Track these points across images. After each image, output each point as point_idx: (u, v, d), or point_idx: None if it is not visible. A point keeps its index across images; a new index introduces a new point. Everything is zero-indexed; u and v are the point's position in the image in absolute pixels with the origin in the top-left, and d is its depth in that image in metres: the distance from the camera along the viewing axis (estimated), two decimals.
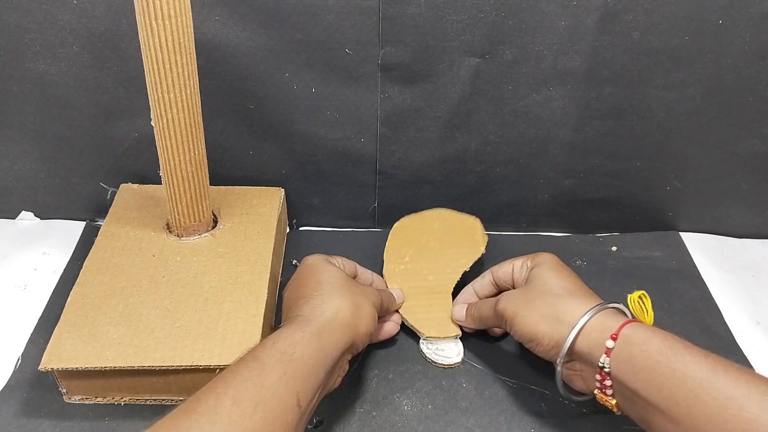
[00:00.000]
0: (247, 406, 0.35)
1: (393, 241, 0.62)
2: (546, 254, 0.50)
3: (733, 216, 0.67)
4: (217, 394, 0.36)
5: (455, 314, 0.54)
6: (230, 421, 0.34)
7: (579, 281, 0.48)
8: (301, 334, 0.41)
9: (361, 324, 0.45)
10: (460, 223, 0.63)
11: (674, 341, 0.39)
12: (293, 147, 0.61)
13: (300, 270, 0.50)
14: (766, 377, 0.36)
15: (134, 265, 0.52)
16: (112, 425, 0.47)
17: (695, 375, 0.37)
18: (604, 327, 0.42)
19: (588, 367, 0.43)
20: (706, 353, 0.38)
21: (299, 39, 0.53)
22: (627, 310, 0.44)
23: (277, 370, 0.38)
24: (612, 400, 0.42)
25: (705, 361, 0.37)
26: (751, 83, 0.56)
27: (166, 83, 0.45)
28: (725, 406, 0.35)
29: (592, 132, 0.60)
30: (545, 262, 0.49)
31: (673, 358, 0.38)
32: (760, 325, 0.58)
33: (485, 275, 0.55)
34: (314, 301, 0.44)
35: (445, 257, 0.59)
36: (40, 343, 0.52)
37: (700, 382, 0.36)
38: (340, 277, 0.48)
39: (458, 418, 0.48)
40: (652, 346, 0.39)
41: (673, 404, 0.37)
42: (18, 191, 0.64)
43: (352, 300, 0.45)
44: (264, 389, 0.36)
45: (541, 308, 0.45)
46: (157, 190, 0.60)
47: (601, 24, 0.53)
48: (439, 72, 0.56)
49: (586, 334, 0.42)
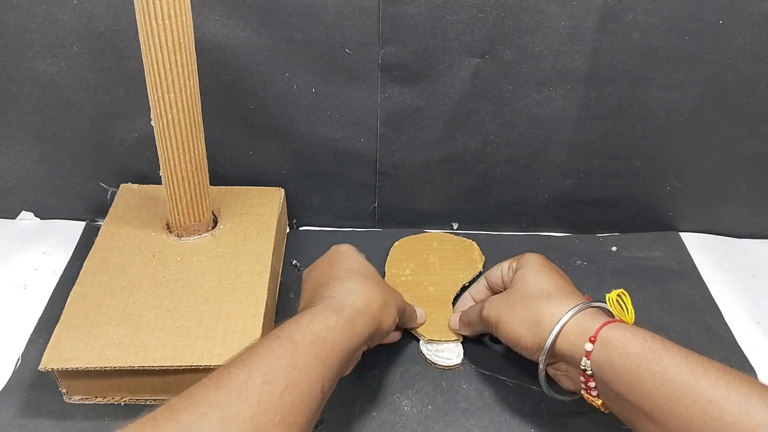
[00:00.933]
0: (277, 386, 0.34)
1: (394, 256, 0.62)
2: (530, 255, 0.50)
3: (733, 216, 0.67)
4: (250, 370, 0.34)
5: (451, 323, 0.54)
6: (260, 400, 0.33)
7: (562, 281, 0.47)
8: (335, 318, 0.40)
9: (386, 321, 0.45)
10: (458, 243, 0.65)
11: (653, 342, 0.39)
12: (293, 147, 0.61)
13: (331, 253, 0.50)
14: (747, 377, 0.36)
15: (134, 265, 0.52)
16: (112, 425, 0.47)
17: (675, 378, 0.36)
18: (582, 329, 0.41)
19: (573, 368, 0.43)
20: (686, 353, 0.38)
21: (299, 39, 0.53)
22: (609, 309, 0.44)
23: (310, 352, 0.37)
24: (598, 400, 0.42)
25: (685, 363, 0.37)
26: (751, 83, 0.56)
27: (166, 83, 0.45)
28: (705, 410, 0.35)
29: (592, 132, 0.60)
30: (528, 263, 0.49)
31: (653, 361, 0.38)
32: (760, 325, 0.58)
33: (480, 280, 0.56)
34: (348, 285, 0.44)
35: (444, 271, 0.60)
36: (40, 343, 0.52)
37: (680, 385, 0.36)
38: (372, 269, 0.48)
39: (458, 419, 0.48)
40: (631, 348, 0.39)
41: (655, 407, 0.37)
42: (18, 191, 0.64)
43: (383, 294, 0.45)
44: (295, 371, 0.36)
45: (521, 312, 0.45)
46: (157, 190, 0.60)
47: (601, 24, 0.53)
48: (439, 72, 0.56)
49: (566, 336, 0.42)
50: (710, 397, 0.35)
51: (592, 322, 0.41)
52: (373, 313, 0.43)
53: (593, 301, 0.44)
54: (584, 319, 0.42)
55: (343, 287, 0.44)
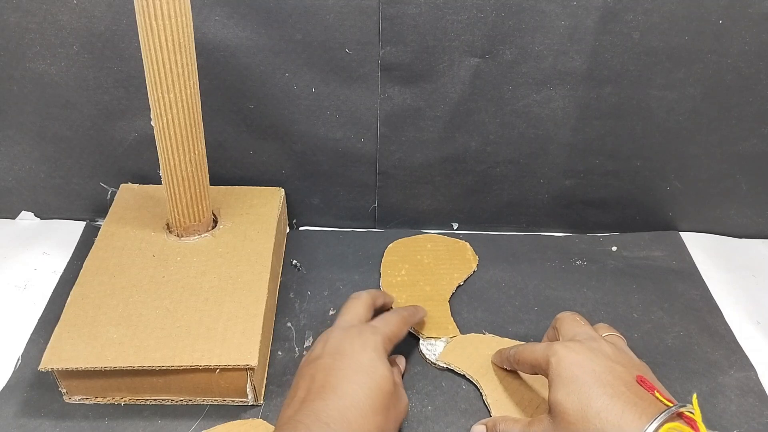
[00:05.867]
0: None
1: (388, 258, 0.62)
2: (560, 355, 0.41)
3: (733, 216, 0.67)
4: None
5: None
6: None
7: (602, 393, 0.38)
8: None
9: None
10: (452, 244, 0.65)
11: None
12: (293, 147, 0.61)
13: (340, 342, 0.43)
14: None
15: (134, 265, 0.52)
16: (112, 425, 0.47)
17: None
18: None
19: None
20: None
21: (299, 39, 0.53)
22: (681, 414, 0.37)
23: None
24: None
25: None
26: (751, 83, 0.56)
27: (166, 83, 0.45)
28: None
29: (592, 132, 0.60)
30: (558, 377, 0.40)
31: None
32: (760, 325, 0.58)
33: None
34: (349, 416, 0.38)
35: (440, 271, 0.61)
36: (40, 343, 0.52)
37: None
38: (382, 379, 0.41)
39: (458, 420, 0.48)
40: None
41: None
42: (18, 191, 0.64)
43: (385, 427, 0.40)
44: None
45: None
46: (157, 190, 0.60)
47: (601, 24, 0.53)
48: (439, 72, 0.56)
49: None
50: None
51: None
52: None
53: (662, 414, 0.36)
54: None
55: (342, 418, 0.38)
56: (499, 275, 0.62)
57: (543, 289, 0.60)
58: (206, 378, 0.46)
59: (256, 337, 0.47)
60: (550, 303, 0.59)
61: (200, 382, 0.47)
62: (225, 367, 0.45)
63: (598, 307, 0.59)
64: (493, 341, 0.54)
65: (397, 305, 0.56)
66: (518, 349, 0.47)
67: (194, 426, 0.47)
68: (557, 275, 0.62)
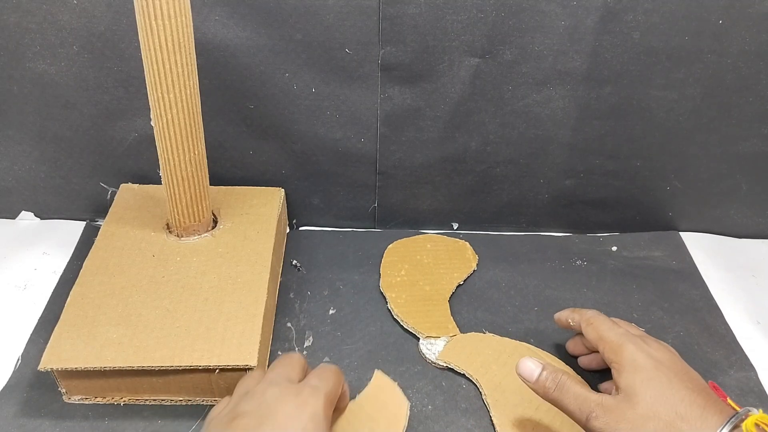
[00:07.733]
0: None
1: (388, 258, 0.62)
2: (629, 351, 0.42)
3: (733, 216, 0.67)
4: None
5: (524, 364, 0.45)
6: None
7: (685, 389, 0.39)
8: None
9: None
10: (451, 244, 0.65)
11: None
12: (293, 147, 0.61)
13: (276, 407, 0.37)
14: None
15: (134, 265, 0.52)
16: (112, 425, 0.47)
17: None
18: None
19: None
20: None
21: (299, 39, 0.53)
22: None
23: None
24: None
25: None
26: (751, 83, 0.56)
27: (166, 83, 0.45)
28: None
29: (592, 132, 0.60)
30: (628, 366, 0.41)
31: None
32: (760, 325, 0.58)
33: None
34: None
35: (439, 271, 0.61)
36: (40, 343, 0.52)
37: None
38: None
39: (458, 419, 0.48)
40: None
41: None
42: (18, 191, 0.64)
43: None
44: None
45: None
46: (157, 190, 0.60)
47: (601, 24, 0.53)
48: (439, 72, 0.56)
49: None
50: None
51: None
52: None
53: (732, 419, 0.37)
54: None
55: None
56: (499, 275, 0.62)
57: (543, 289, 0.60)
58: (206, 378, 0.46)
59: (256, 337, 0.47)
60: (550, 303, 0.59)
61: (200, 382, 0.47)
62: (224, 367, 0.45)
63: (598, 307, 0.58)
64: (493, 340, 0.54)
65: (397, 305, 0.57)
66: (598, 318, 0.47)
67: (194, 426, 0.47)
68: (557, 275, 0.62)
